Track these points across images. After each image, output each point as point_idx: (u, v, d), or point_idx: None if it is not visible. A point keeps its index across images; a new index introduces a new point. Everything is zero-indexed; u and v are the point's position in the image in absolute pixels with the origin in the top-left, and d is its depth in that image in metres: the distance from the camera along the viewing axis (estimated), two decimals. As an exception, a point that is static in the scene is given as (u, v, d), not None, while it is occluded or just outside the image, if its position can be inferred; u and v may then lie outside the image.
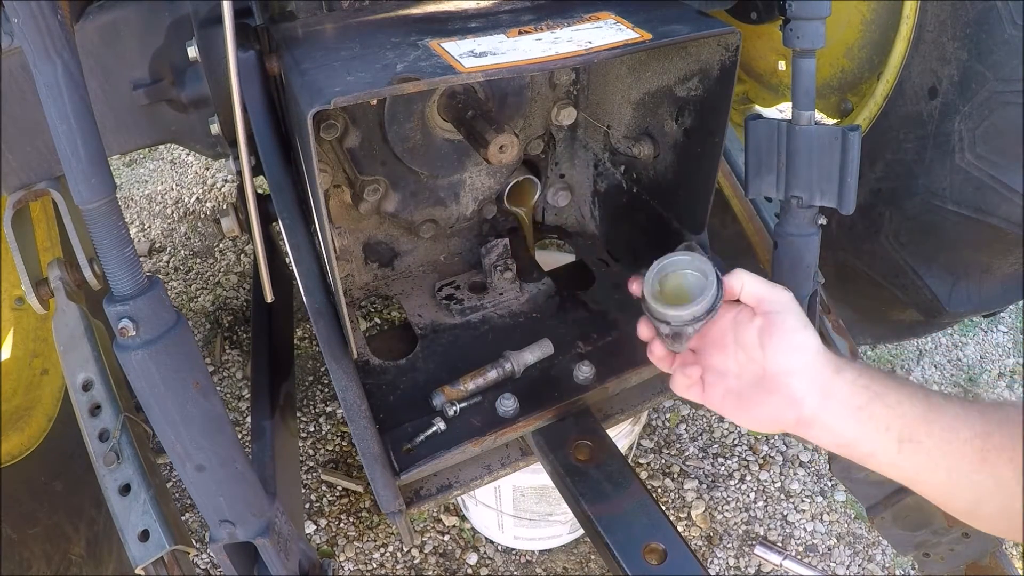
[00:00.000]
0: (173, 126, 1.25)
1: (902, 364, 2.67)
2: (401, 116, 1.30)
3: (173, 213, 3.36)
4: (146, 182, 3.56)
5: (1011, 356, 2.69)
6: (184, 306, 2.89)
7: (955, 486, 0.85)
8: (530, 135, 1.52)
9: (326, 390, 2.57)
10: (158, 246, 3.18)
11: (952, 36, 1.38)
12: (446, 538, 2.19)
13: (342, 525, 2.22)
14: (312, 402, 2.54)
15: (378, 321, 2.68)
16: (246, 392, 2.55)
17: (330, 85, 0.92)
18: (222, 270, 3.04)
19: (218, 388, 1.83)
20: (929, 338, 2.72)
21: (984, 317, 2.21)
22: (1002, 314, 2.78)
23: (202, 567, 2.11)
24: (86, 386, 1.20)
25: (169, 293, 2.24)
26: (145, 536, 1.07)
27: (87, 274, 1.22)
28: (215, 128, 1.23)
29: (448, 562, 2.14)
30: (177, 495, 2.16)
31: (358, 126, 1.31)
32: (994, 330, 2.77)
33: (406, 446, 1.17)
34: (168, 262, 3.09)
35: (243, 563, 1.00)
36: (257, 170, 1.20)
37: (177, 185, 3.51)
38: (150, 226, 3.30)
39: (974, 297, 1.59)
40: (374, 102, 1.27)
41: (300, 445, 2.40)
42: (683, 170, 1.32)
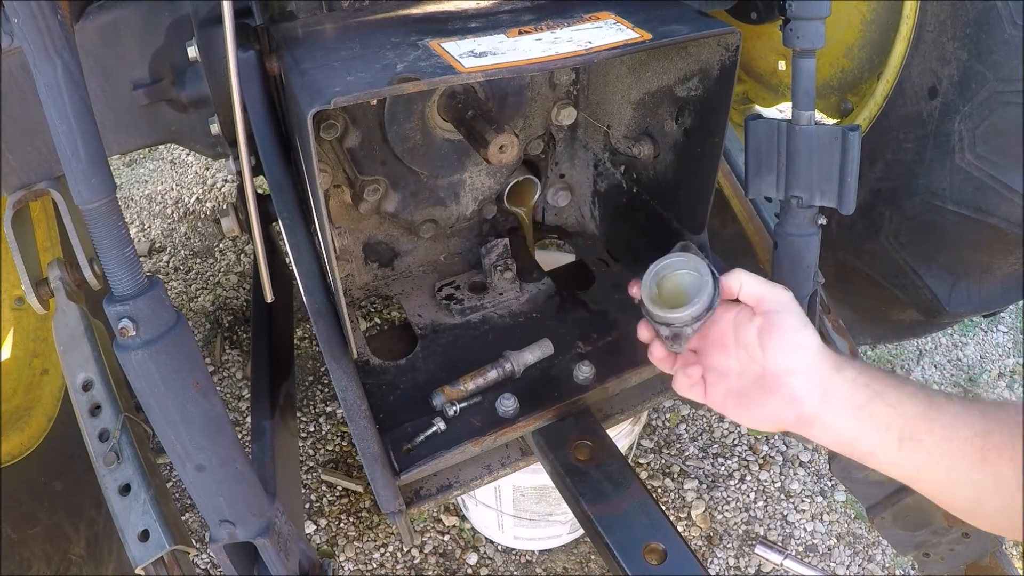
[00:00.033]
0: (173, 126, 1.25)
1: (902, 364, 2.67)
2: (401, 116, 1.30)
3: (173, 213, 3.36)
4: (146, 182, 3.56)
5: (1011, 356, 2.69)
6: (184, 306, 2.89)
7: (955, 485, 0.85)
8: (530, 135, 1.52)
9: (326, 390, 2.57)
10: (158, 246, 3.18)
11: (952, 36, 1.38)
12: (446, 538, 2.19)
13: (342, 525, 2.22)
14: (312, 402, 2.54)
15: (378, 321, 2.68)
16: (246, 392, 2.55)
17: (330, 85, 0.92)
18: (222, 270, 3.04)
19: (218, 388, 1.83)
20: (929, 338, 2.72)
21: (984, 317, 2.21)
22: (1002, 314, 2.78)
23: (202, 567, 2.11)
24: (86, 386, 1.20)
25: (169, 293, 2.24)
26: (145, 536, 1.07)
27: (87, 274, 1.22)
28: (215, 128, 1.23)
29: (448, 562, 2.14)
30: (177, 495, 2.16)
31: (358, 126, 1.31)
32: (994, 330, 2.77)
33: (406, 446, 1.17)
34: (168, 262, 3.09)
35: (243, 563, 1.00)
36: (257, 170, 1.20)
37: (177, 185, 3.51)
38: (150, 226, 3.30)
39: (974, 297, 1.59)
40: (374, 102, 1.27)
41: (300, 445, 2.40)
42: (683, 170, 1.32)
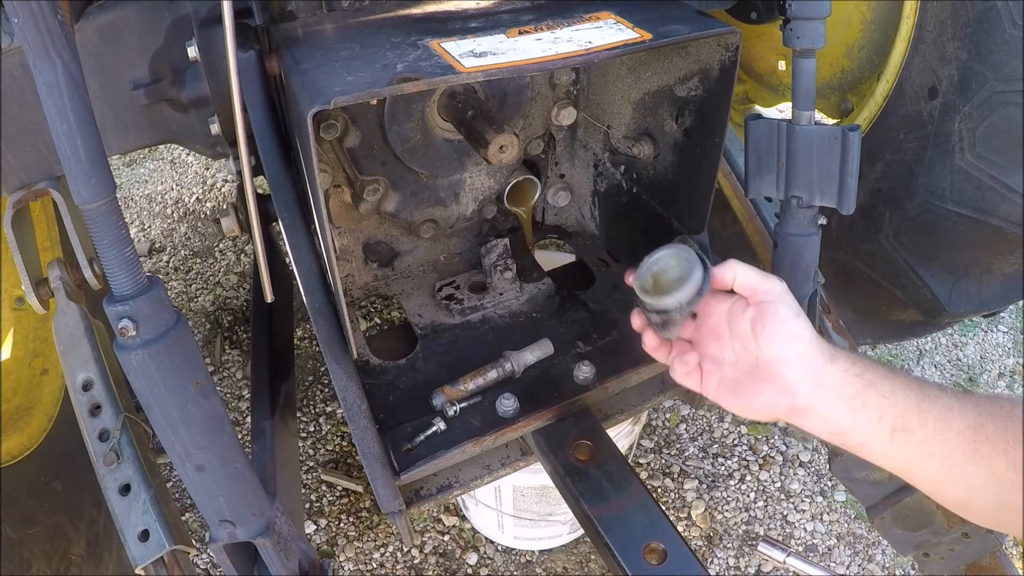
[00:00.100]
0: (173, 126, 1.25)
1: (902, 364, 2.67)
2: (401, 116, 1.30)
3: (173, 213, 3.36)
4: (146, 182, 3.56)
5: (1011, 356, 2.69)
6: (184, 306, 2.88)
7: (948, 477, 0.85)
8: (530, 135, 1.52)
9: (326, 390, 2.57)
10: (158, 246, 3.18)
11: (952, 36, 1.38)
12: (446, 538, 2.19)
13: (342, 525, 2.22)
14: (312, 402, 2.54)
15: (378, 321, 2.68)
16: (246, 392, 2.55)
17: (330, 85, 0.92)
18: (222, 270, 3.04)
19: (218, 388, 1.83)
20: (929, 338, 2.72)
21: (984, 317, 2.21)
22: (1002, 314, 2.78)
23: (202, 567, 2.11)
24: (86, 386, 1.20)
25: (169, 293, 2.24)
26: (145, 536, 1.07)
27: (87, 274, 1.22)
28: (215, 128, 1.23)
29: (448, 562, 2.14)
30: (177, 495, 2.16)
31: (358, 126, 1.31)
32: (994, 330, 2.77)
33: (406, 446, 1.17)
34: (168, 262, 3.09)
35: (243, 563, 1.00)
36: (257, 170, 1.20)
37: (177, 185, 3.51)
38: (150, 226, 3.30)
39: (974, 297, 1.59)
40: (374, 102, 1.27)
41: (300, 445, 2.40)
42: (683, 170, 1.32)
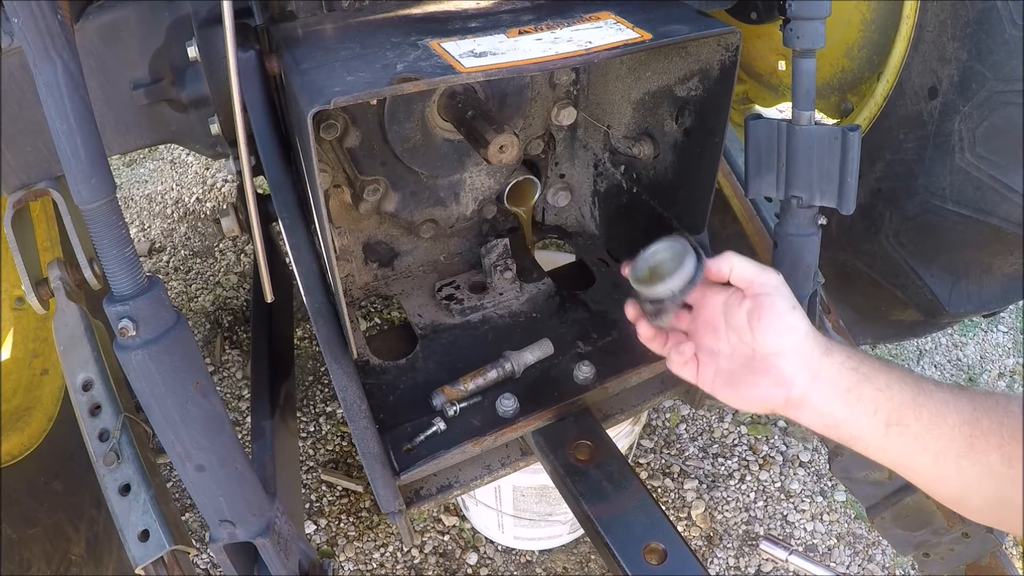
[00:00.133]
0: (173, 126, 1.25)
1: (902, 364, 2.67)
2: (401, 116, 1.30)
3: (173, 213, 3.36)
4: (146, 182, 3.56)
5: (1011, 356, 2.69)
6: (184, 306, 2.88)
7: (943, 471, 0.84)
8: (530, 135, 1.52)
9: (326, 390, 2.57)
10: (158, 246, 3.18)
11: (952, 36, 1.38)
12: (446, 538, 2.19)
13: (342, 525, 2.22)
14: (312, 402, 2.54)
15: (378, 321, 2.68)
16: (246, 392, 2.55)
17: (330, 85, 0.92)
18: (222, 270, 3.04)
19: (218, 388, 1.83)
20: (929, 338, 2.72)
21: (984, 317, 2.21)
22: (1002, 314, 2.78)
23: (202, 567, 2.11)
24: (86, 386, 1.20)
25: (169, 293, 2.24)
26: (145, 536, 1.07)
27: (87, 274, 1.22)
28: (215, 128, 1.23)
29: (448, 562, 2.14)
30: (177, 495, 2.16)
31: (358, 126, 1.31)
32: (994, 330, 2.77)
33: (406, 446, 1.17)
34: (168, 262, 3.09)
35: (243, 563, 1.00)
36: (257, 170, 1.20)
37: (177, 185, 3.51)
38: (150, 226, 3.30)
39: (974, 297, 1.59)
40: (374, 102, 1.27)
41: (300, 445, 2.40)
42: (683, 170, 1.32)
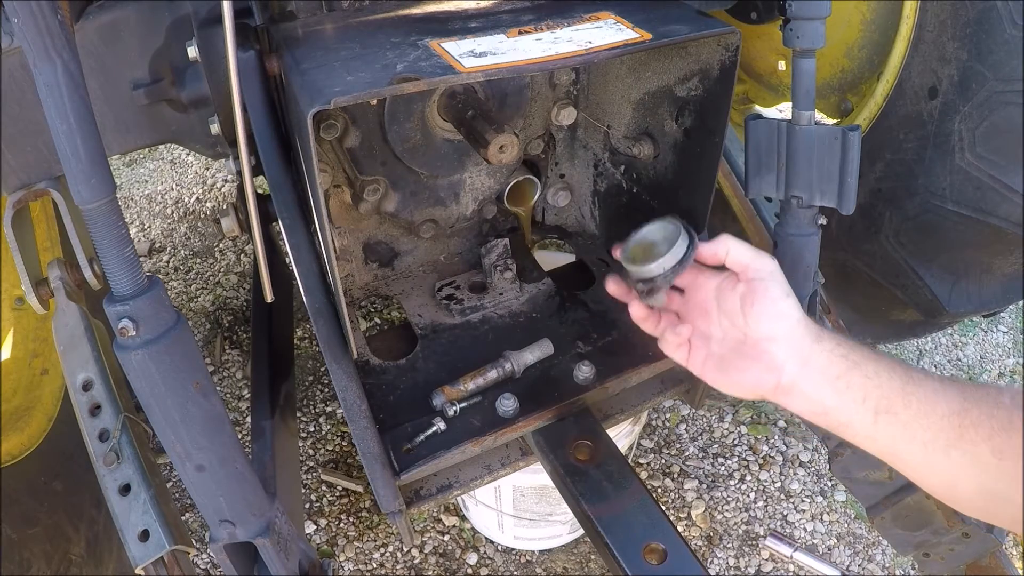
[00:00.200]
0: (173, 126, 1.25)
1: (902, 364, 2.66)
2: (401, 116, 1.30)
3: (173, 213, 3.36)
4: (146, 182, 3.56)
5: (1011, 356, 2.68)
6: (184, 306, 2.88)
7: (932, 461, 0.84)
8: (530, 135, 1.52)
9: (326, 390, 2.57)
10: (158, 246, 3.18)
11: (952, 36, 1.38)
12: (446, 538, 2.19)
13: (342, 525, 2.22)
14: (312, 402, 2.54)
15: (378, 321, 2.68)
16: (246, 392, 2.55)
17: (330, 85, 0.92)
18: (222, 270, 3.04)
19: (218, 388, 1.83)
20: (929, 338, 2.72)
21: (984, 317, 2.21)
22: (1002, 314, 2.78)
23: (202, 567, 2.11)
24: (86, 386, 1.20)
25: (169, 293, 2.24)
26: (145, 536, 1.07)
27: (87, 274, 1.22)
28: (215, 128, 1.23)
29: (448, 562, 2.14)
30: (177, 495, 2.16)
31: (358, 126, 1.31)
32: (994, 330, 2.77)
33: (406, 446, 1.17)
34: (168, 262, 3.09)
35: (243, 563, 1.00)
36: (257, 170, 1.20)
37: (177, 185, 3.51)
38: (150, 226, 3.30)
39: (974, 297, 1.59)
40: (374, 102, 1.27)
41: (300, 445, 2.40)
42: (683, 170, 1.32)
